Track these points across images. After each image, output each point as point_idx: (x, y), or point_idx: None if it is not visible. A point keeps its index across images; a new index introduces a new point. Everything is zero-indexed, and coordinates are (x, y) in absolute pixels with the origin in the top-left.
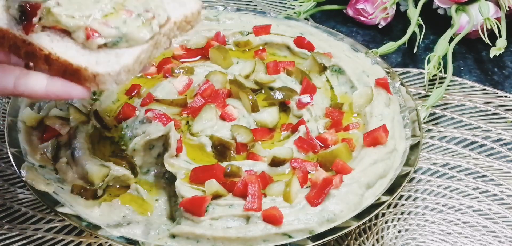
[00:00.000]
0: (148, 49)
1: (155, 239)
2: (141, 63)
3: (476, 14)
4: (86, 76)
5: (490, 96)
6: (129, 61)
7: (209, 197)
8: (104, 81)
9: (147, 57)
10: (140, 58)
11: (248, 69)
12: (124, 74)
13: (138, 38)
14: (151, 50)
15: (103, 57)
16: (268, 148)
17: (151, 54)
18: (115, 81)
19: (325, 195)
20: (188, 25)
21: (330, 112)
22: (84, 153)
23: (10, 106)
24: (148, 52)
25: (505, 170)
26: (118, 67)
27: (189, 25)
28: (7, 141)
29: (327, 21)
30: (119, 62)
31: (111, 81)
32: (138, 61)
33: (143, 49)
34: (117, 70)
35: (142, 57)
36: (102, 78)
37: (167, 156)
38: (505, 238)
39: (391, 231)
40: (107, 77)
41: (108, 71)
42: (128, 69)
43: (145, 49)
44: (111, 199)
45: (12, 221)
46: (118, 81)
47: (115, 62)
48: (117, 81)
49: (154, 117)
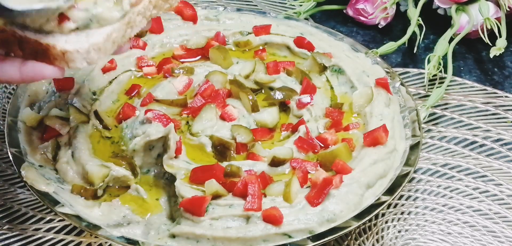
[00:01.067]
0: (121, 28)
1: (155, 239)
2: (114, 42)
3: (476, 14)
4: (55, 54)
5: (490, 96)
6: (99, 40)
7: (209, 197)
8: (73, 59)
9: (120, 37)
10: (111, 37)
11: (248, 69)
12: (94, 53)
13: (108, 18)
14: (125, 29)
15: (73, 36)
16: (268, 148)
17: (125, 33)
18: (85, 60)
19: (325, 195)
20: (165, 3)
21: (330, 112)
22: (84, 153)
23: (10, 106)
24: (121, 32)
25: (505, 170)
26: (87, 45)
27: (167, 3)
28: (7, 141)
29: (327, 21)
30: (88, 40)
31: (80, 59)
32: (110, 40)
33: (115, 28)
34: (86, 48)
35: (114, 36)
36: (71, 56)
37: (166, 157)
38: (505, 238)
39: (391, 231)
40: (75, 54)
41: (76, 49)
42: (98, 48)
43: (117, 28)
44: (111, 199)
45: (12, 221)
46: (89, 60)
47: (84, 40)
48: (87, 59)
49: (154, 117)
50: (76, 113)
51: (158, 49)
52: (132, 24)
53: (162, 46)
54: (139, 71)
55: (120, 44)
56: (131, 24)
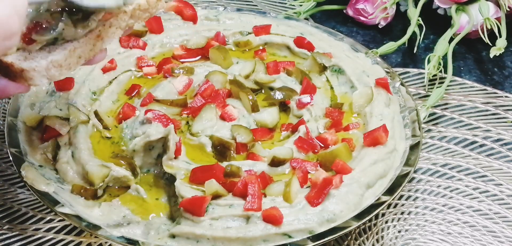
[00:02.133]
0: (88, 42)
1: (155, 239)
2: (80, 57)
3: (476, 14)
4: (15, 71)
5: (490, 96)
6: (59, 57)
7: (209, 197)
8: (31, 76)
9: (88, 50)
10: (76, 53)
11: (248, 69)
12: (54, 70)
13: (72, 35)
14: (93, 42)
15: (34, 53)
16: (268, 148)
17: (94, 47)
18: (44, 77)
19: (325, 195)
20: (144, 12)
21: (330, 112)
22: (84, 153)
23: (10, 107)
24: (89, 46)
25: (505, 170)
26: (45, 63)
27: (146, 12)
28: (7, 141)
29: (327, 21)
30: (48, 58)
31: (38, 76)
32: (75, 56)
33: (80, 43)
34: (44, 66)
35: (79, 52)
36: (28, 74)
37: (165, 158)
38: (505, 238)
39: (391, 231)
40: (32, 72)
41: (33, 67)
42: (59, 64)
43: (83, 43)
44: (111, 199)
45: (12, 221)
46: (50, 77)
47: (44, 57)
48: (47, 76)
49: (154, 118)
50: (76, 113)
51: (158, 49)
52: (103, 37)
53: (162, 46)
54: (139, 71)
55: (88, 57)
56: (102, 37)
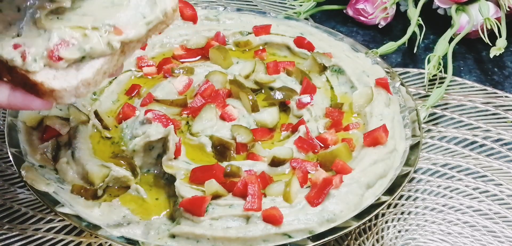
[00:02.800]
0: (113, 59)
1: (155, 239)
2: (105, 73)
3: (476, 14)
4: (43, 90)
5: (490, 96)
6: (88, 75)
7: (209, 197)
8: (61, 96)
9: (111, 67)
10: (102, 70)
11: (248, 69)
12: (83, 88)
13: (100, 52)
14: (117, 59)
15: (61, 71)
16: (268, 148)
17: (117, 62)
18: (73, 96)
19: (325, 195)
20: (163, 24)
21: (330, 112)
22: (84, 153)
23: None
24: (113, 62)
25: (505, 170)
26: (76, 82)
27: (164, 24)
28: (7, 141)
29: (327, 21)
30: (78, 77)
31: (68, 96)
32: (101, 73)
33: (106, 60)
34: (75, 85)
35: (105, 68)
36: (59, 94)
37: (165, 158)
38: (505, 238)
39: (391, 231)
40: (63, 92)
41: (64, 87)
42: (88, 83)
43: (108, 60)
44: (111, 199)
45: (12, 221)
46: (78, 95)
47: (73, 76)
48: (76, 95)
49: (154, 118)
50: (76, 113)
51: (158, 49)
52: (125, 51)
53: (162, 46)
54: (139, 71)
55: (111, 73)
56: (124, 52)
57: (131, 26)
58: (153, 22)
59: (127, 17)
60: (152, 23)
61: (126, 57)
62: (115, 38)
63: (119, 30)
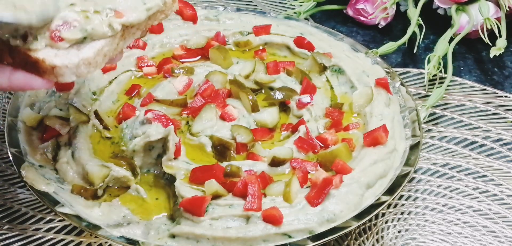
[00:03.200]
0: (113, 42)
1: (155, 239)
2: (105, 56)
3: (476, 14)
4: (45, 68)
5: (490, 96)
6: (89, 54)
7: (209, 197)
8: (62, 73)
9: (112, 49)
10: (103, 51)
11: (248, 69)
12: (84, 67)
13: (101, 33)
14: (117, 42)
15: (63, 50)
16: (268, 148)
17: (117, 46)
18: (74, 74)
19: (325, 195)
20: (161, 14)
21: (330, 112)
22: (84, 153)
23: (10, 106)
24: (114, 45)
25: (505, 170)
26: (77, 60)
27: (163, 14)
28: (7, 141)
29: (327, 21)
30: (78, 55)
31: (69, 73)
32: (101, 54)
33: (107, 42)
34: (76, 63)
35: (105, 50)
36: (60, 71)
37: (165, 158)
38: (505, 238)
39: (391, 231)
40: (64, 69)
41: (65, 64)
42: (88, 62)
43: (109, 42)
44: (111, 199)
45: (12, 221)
46: (78, 74)
47: (74, 54)
48: (76, 73)
49: (154, 118)
50: (76, 113)
51: (158, 49)
52: (125, 36)
53: (162, 46)
54: (139, 71)
55: (111, 57)
56: (125, 36)
57: (131, 10)
58: (153, 9)
59: (128, 2)
60: (152, 9)
61: (126, 43)
62: (116, 21)
63: (120, 13)
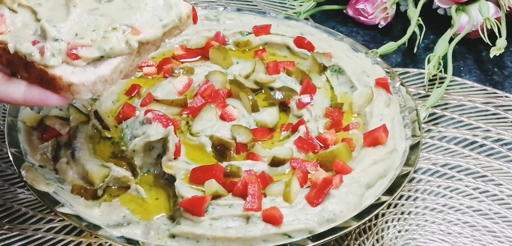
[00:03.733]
0: (130, 59)
1: (155, 239)
2: (121, 73)
3: (476, 14)
4: (61, 85)
5: (490, 96)
6: (106, 72)
7: (209, 197)
8: (79, 91)
9: (128, 66)
10: (119, 68)
11: (248, 69)
12: (100, 84)
13: (118, 51)
14: (133, 59)
15: (80, 67)
16: (268, 148)
17: (133, 62)
18: (90, 91)
19: (325, 195)
20: (177, 30)
21: (330, 112)
22: (84, 153)
23: (10, 107)
24: (130, 61)
25: (505, 170)
26: (94, 78)
27: (178, 29)
28: (7, 141)
29: (327, 21)
30: (95, 73)
31: (86, 91)
32: (117, 71)
33: (123, 59)
34: (92, 81)
35: (121, 67)
36: (77, 88)
37: (165, 159)
38: (505, 238)
39: (391, 231)
40: (81, 87)
41: (83, 82)
42: (105, 80)
43: (125, 59)
44: (111, 199)
45: (12, 221)
46: (94, 91)
47: (92, 72)
48: (93, 91)
49: (154, 118)
50: (76, 113)
51: (158, 49)
52: (141, 52)
53: (162, 46)
54: (139, 71)
55: (127, 73)
56: (140, 53)
57: (148, 27)
58: (169, 25)
59: (144, 18)
60: (168, 26)
61: (142, 59)
62: (134, 38)
63: (137, 30)
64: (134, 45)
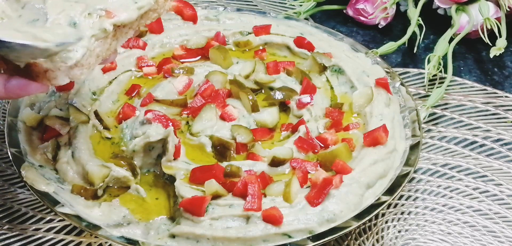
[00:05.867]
0: (106, 43)
1: (155, 239)
2: (98, 56)
3: (476, 14)
4: (38, 72)
5: (490, 96)
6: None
7: (209, 197)
8: (55, 76)
9: (105, 50)
10: (95, 52)
11: (248, 69)
12: (77, 69)
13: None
14: (110, 42)
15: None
16: (268, 148)
17: (110, 46)
18: (67, 76)
19: (325, 195)
20: (154, 12)
21: (330, 112)
22: (84, 153)
23: (10, 106)
24: (106, 45)
25: (505, 170)
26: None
27: (155, 12)
28: (7, 141)
29: (327, 21)
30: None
31: (62, 76)
32: (94, 55)
33: (99, 43)
34: (68, 65)
35: (98, 51)
36: (53, 74)
37: (164, 159)
38: (505, 238)
39: (391, 231)
40: (57, 72)
41: (58, 66)
42: (81, 64)
43: (101, 43)
44: (111, 199)
45: (12, 221)
46: (71, 76)
47: (66, 57)
48: (69, 76)
49: (154, 118)
50: (76, 113)
51: (158, 49)
52: (117, 36)
53: (162, 46)
54: (139, 71)
55: (105, 57)
56: (117, 37)
57: (122, 9)
58: (145, 8)
59: (119, 1)
60: (143, 8)
61: (119, 42)
62: (108, 22)
63: (111, 13)
64: (109, 28)
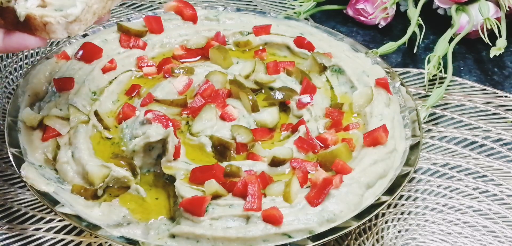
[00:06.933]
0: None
1: (155, 239)
2: (95, 14)
3: (476, 14)
4: (36, 25)
5: (490, 96)
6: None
7: (209, 197)
8: (54, 30)
9: (101, 7)
10: (92, 9)
11: (248, 69)
12: (75, 24)
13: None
14: (106, 1)
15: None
16: (268, 148)
17: (106, 4)
18: (65, 30)
19: (325, 195)
20: None
21: (330, 112)
22: (84, 153)
23: (10, 106)
24: (103, 3)
25: (505, 170)
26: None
27: None
28: (7, 141)
29: (327, 21)
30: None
31: (61, 30)
32: (91, 12)
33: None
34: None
35: (95, 8)
36: (52, 27)
37: (164, 160)
38: (505, 238)
39: (391, 231)
40: (56, 26)
41: (58, 20)
42: (79, 19)
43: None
44: (111, 199)
45: (12, 221)
46: (70, 31)
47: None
48: (68, 30)
49: (154, 118)
50: (76, 113)
51: (158, 49)
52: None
53: (162, 46)
54: (139, 71)
55: (100, 15)
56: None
57: None
58: None
59: None
60: None
61: (114, 2)
62: None
63: None
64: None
